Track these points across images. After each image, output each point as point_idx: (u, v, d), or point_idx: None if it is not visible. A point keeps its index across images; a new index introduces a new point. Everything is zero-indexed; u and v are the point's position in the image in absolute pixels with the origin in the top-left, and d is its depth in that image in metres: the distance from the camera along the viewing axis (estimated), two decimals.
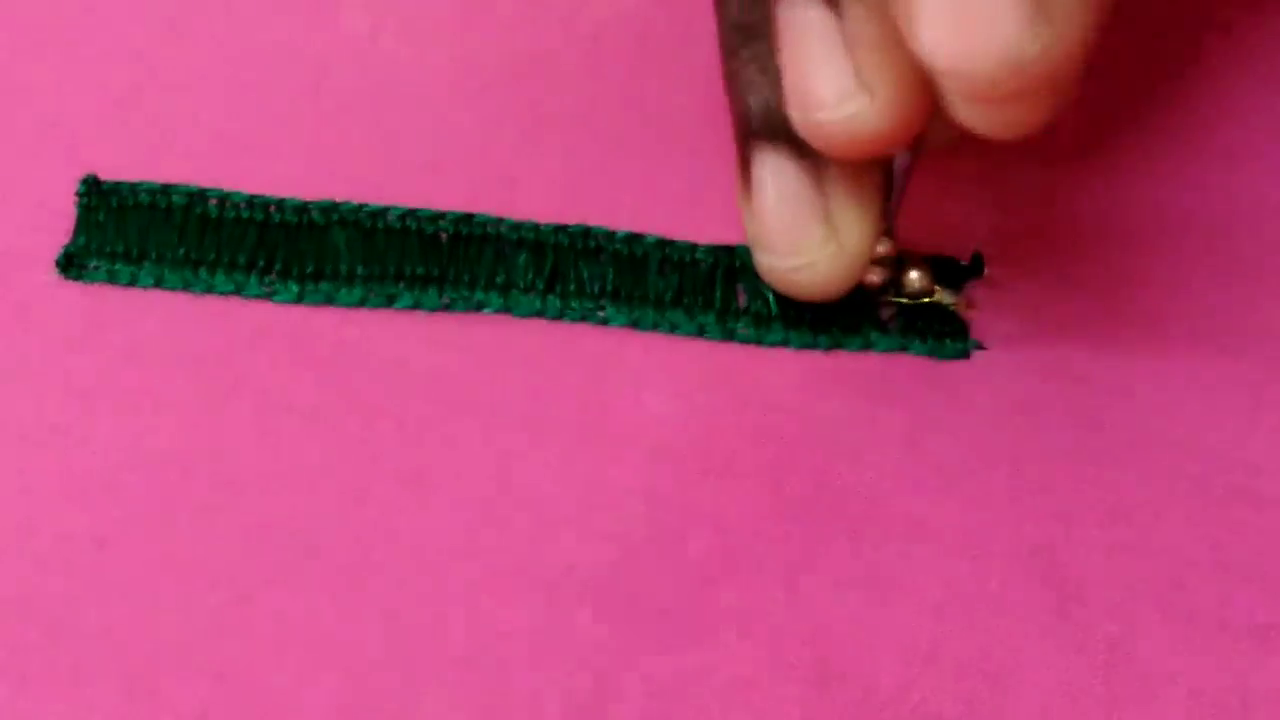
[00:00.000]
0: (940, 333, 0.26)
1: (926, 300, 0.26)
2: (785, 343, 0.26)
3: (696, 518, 0.24)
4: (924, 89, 0.21)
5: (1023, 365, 0.26)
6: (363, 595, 0.24)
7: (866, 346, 0.26)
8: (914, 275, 0.26)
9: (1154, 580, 0.24)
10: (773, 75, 0.23)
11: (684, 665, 0.23)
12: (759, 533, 0.24)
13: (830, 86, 0.21)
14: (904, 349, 0.26)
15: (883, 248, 0.25)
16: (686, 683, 0.23)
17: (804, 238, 0.24)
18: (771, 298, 0.26)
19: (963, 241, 0.27)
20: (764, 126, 0.24)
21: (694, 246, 0.27)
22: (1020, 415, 0.25)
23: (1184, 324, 0.26)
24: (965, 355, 0.26)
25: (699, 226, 0.27)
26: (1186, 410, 0.26)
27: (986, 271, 0.27)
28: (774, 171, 0.24)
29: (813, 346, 0.26)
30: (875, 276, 0.26)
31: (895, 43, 0.20)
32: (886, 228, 0.25)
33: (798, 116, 0.22)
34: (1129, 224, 0.28)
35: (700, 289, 0.27)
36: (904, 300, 0.26)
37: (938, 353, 0.26)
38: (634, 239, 0.27)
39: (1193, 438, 0.25)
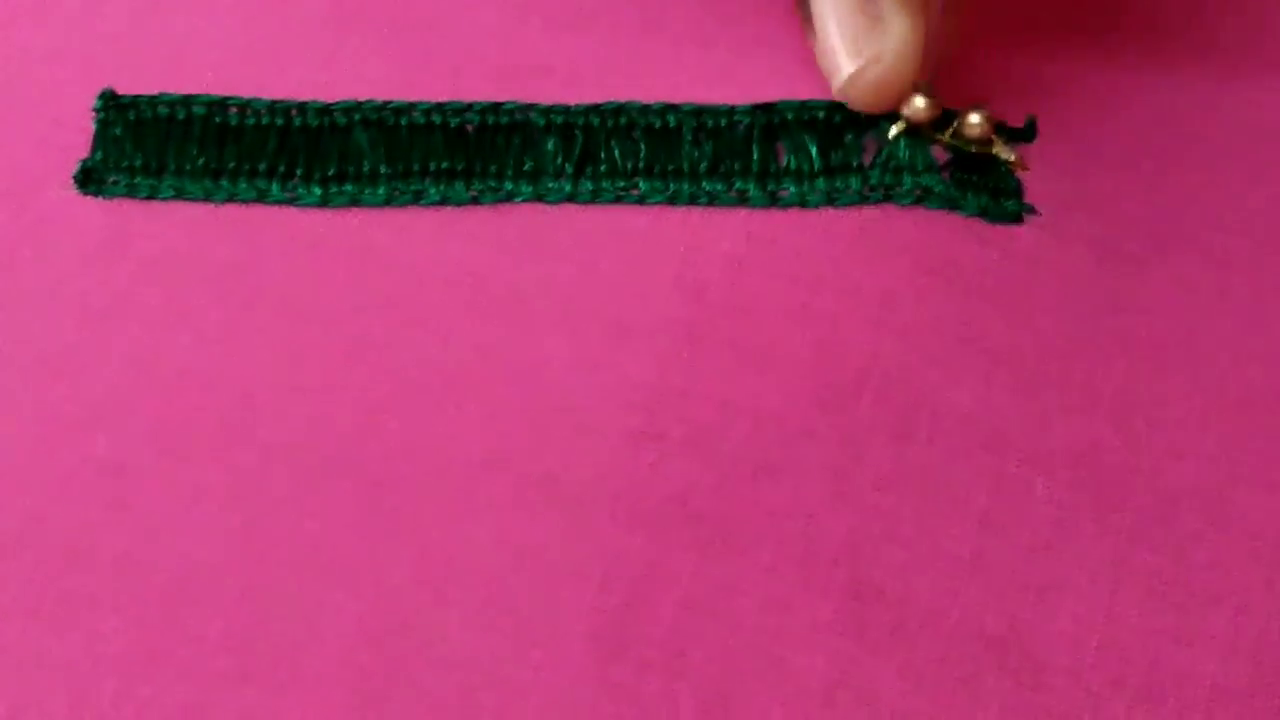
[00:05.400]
0: (995, 190, 0.25)
1: (983, 150, 0.25)
2: (830, 201, 0.25)
3: (734, 412, 0.23)
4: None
5: (1075, 244, 0.24)
6: (387, 512, 0.22)
7: (918, 201, 0.25)
8: (974, 119, 0.24)
9: (1201, 491, 0.22)
10: None
11: (717, 578, 0.22)
12: (799, 428, 0.23)
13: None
14: (956, 206, 0.25)
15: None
16: (719, 597, 0.22)
17: (865, 41, 0.24)
18: (814, 151, 0.25)
19: (1014, 111, 0.26)
20: None
21: (732, 109, 0.26)
22: (1072, 299, 0.24)
23: (1234, 215, 0.25)
24: (1018, 218, 0.25)
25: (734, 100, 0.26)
26: (1240, 309, 0.24)
27: (1038, 140, 0.25)
28: None
29: (860, 202, 0.25)
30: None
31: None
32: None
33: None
34: (1187, 113, 0.26)
35: (738, 153, 0.25)
36: (961, 144, 0.25)
37: (990, 212, 0.25)
38: (668, 109, 0.26)
39: (1245, 341, 0.23)
